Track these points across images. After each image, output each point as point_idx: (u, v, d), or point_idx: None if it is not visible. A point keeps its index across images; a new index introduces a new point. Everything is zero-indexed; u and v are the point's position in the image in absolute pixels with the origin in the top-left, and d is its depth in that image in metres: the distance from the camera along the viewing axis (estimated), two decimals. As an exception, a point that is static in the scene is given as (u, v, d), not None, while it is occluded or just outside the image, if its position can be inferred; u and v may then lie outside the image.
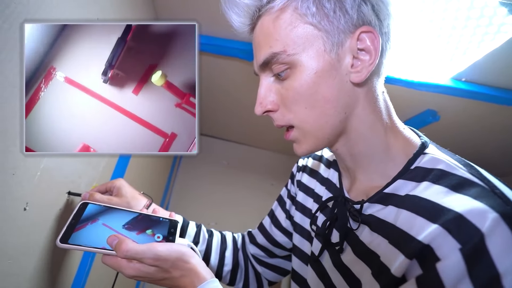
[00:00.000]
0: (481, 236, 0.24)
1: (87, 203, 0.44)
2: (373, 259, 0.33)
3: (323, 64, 0.34)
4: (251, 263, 0.62)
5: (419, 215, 0.29)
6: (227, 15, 0.37)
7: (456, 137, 1.24)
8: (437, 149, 0.37)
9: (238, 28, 0.38)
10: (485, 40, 0.73)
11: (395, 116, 0.39)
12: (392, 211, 0.33)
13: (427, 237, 0.27)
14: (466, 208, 0.26)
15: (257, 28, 0.37)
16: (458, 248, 0.25)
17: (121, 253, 0.36)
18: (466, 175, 0.30)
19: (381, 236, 0.33)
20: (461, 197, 0.28)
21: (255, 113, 0.39)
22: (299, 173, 0.57)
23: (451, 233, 0.25)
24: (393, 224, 0.32)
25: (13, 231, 0.39)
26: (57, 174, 0.48)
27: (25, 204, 0.41)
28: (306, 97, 0.35)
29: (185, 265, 0.38)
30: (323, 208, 0.46)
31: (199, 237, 0.58)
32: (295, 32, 0.33)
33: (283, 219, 0.58)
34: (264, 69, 0.37)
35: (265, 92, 0.38)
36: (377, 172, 0.38)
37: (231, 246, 0.61)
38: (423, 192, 0.31)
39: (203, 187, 1.88)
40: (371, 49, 0.33)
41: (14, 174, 0.38)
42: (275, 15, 0.34)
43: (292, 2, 0.33)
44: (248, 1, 0.35)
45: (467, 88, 0.89)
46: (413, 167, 0.35)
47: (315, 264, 0.44)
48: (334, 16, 0.33)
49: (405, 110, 1.12)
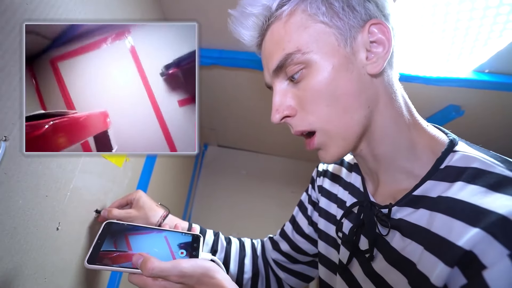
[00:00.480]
0: None
1: (112, 222, 0.45)
2: (408, 267, 0.31)
3: (339, 59, 0.33)
4: (272, 269, 0.61)
5: (457, 219, 0.27)
6: (236, 31, 0.38)
7: (484, 131, 1.17)
8: (468, 146, 0.35)
9: (249, 43, 0.38)
10: (508, 28, 0.69)
11: (416, 113, 0.38)
12: (424, 215, 0.32)
13: (469, 242, 0.25)
14: (510, 208, 0.24)
15: (266, 38, 0.37)
16: (507, 254, 0.23)
17: (147, 271, 0.36)
18: (506, 172, 0.28)
19: (414, 242, 0.31)
20: (503, 196, 0.26)
21: (272, 122, 0.37)
22: (320, 178, 0.56)
23: (496, 237, 0.24)
24: (427, 228, 0.30)
25: (48, 250, 0.41)
26: (85, 193, 0.50)
27: (57, 224, 0.42)
28: (326, 94, 0.34)
29: (210, 280, 0.37)
30: (348, 214, 0.44)
31: (217, 245, 0.58)
32: (307, 32, 0.34)
33: (305, 226, 0.57)
34: (278, 74, 0.36)
35: (280, 98, 0.37)
36: (402, 172, 0.37)
37: (250, 253, 0.61)
38: (458, 193, 0.29)
39: (223, 198, 1.89)
40: (384, 39, 0.34)
41: (47, 196, 0.40)
42: (285, 20, 0.34)
43: (300, 5, 0.34)
44: (256, 11, 0.35)
45: (491, 79, 0.85)
46: (443, 167, 0.33)
47: (344, 273, 0.42)
48: (343, 13, 0.33)
49: (426, 107, 1.08)
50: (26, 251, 0.37)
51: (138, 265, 0.37)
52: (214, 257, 0.43)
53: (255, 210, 1.86)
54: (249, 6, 0.35)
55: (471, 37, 0.74)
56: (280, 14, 0.35)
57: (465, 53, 0.80)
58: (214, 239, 0.58)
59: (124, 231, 0.45)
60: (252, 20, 0.36)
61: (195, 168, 1.83)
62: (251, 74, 1.02)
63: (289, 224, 0.61)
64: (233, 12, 0.37)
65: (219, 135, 1.80)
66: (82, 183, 0.48)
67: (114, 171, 0.62)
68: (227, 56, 0.91)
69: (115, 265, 0.39)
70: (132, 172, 0.74)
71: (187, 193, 1.69)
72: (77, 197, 0.47)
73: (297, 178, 1.91)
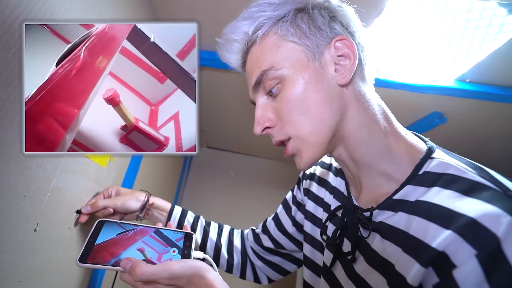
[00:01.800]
0: (497, 241, 0.24)
1: (104, 221, 0.45)
2: (387, 268, 0.32)
3: (309, 72, 0.37)
4: (249, 257, 0.65)
5: (432, 222, 0.29)
6: (223, 56, 0.43)
7: (465, 138, 1.21)
8: (445, 153, 0.37)
9: (234, 64, 0.44)
10: (486, 41, 0.73)
11: (395, 121, 0.40)
12: (402, 217, 0.33)
13: (441, 244, 0.26)
14: (479, 212, 0.26)
15: (248, 60, 0.41)
16: (474, 254, 0.24)
17: (136, 276, 0.35)
18: (477, 178, 0.30)
19: (393, 244, 0.33)
20: (473, 201, 0.28)
21: (255, 134, 0.40)
22: (307, 181, 0.57)
23: (466, 239, 0.25)
24: (405, 231, 0.32)
25: (24, 253, 0.39)
26: (66, 193, 0.48)
27: (35, 225, 0.41)
28: (298, 103, 0.37)
29: (201, 280, 0.37)
30: (332, 217, 0.45)
31: (196, 224, 0.62)
32: (279, 51, 0.38)
33: (289, 225, 0.59)
34: (258, 90, 0.40)
35: (261, 111, 0.40)
36: (382, 176, 0.38)
37: (227, 237, 0.65)
38: (434, 198, 0.31)
39: (211, 200, 1.87)
40: (349, 53, 0.37)
41: (25, 196, 0.38)
42: (260, 42, 0.39)
43: (272, 28, 0.39)
44: (238, 37, 0.40)
45: (472, 88, 0.89)
46: (421, 172, 0.35)
47: (327, 275, 0.43)
48: (310, 32, 0.37)
49: (411, 114, 1.11)
50: (0, 253, 0.35)
51: (126, 270, 0.37)
52: (205, 255, 0.43)
53: (243, 212, 1.86)
54: (231, 34, 0.41)
55: (454, 47, 0.77)
56: (256, 37, 0.39)
57: (448, 62, 0.83)
58: (195, 217, 0.63)
59: (116, 229, 0.44)
60: (235, 46, 0.41)
61: (184, 169, 1.81)
62: (241, 76, 1.01)
63: (271, 221, 0.63)
64: (219, 40, 0.42)
65: (208, 136, 1.79)
66: (63, 183, 0.47)
67: (97, 171, 0.60)
68: (218, 57, 0.91)
69: (107, 264, 0.38)
70: (116, 172, 0.72)
71: (175, 194, 1.67)
72: (57, 197, 0.46)
73: (285, 180, 1.91)
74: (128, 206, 0.55)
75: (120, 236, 0.43)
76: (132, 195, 0.56)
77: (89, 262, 0.38)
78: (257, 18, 0.39)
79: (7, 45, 0.33)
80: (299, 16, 0.38)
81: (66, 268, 0.50)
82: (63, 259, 0.49)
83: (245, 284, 0.80)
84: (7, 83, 0.34)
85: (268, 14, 0.38)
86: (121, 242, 0.42)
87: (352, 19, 0.39)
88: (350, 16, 0.39)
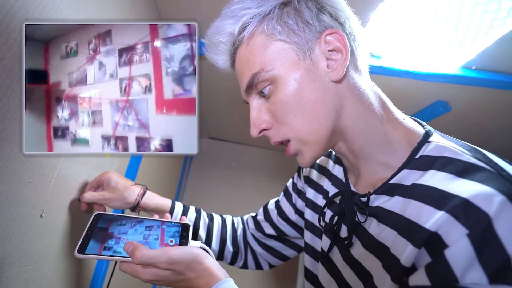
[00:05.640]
0: (489, 220, 0.24)
1: (101, 213, 0.46)
2: (383, 251, 0.33)
3: (301, 71, 0.36)
4: (249, 245, 0.65)
5: (426, 204, 0.29)
6: (210, 58, 0.41)
7: (469, 127, 1.20)
8: (442, 137, 0.37)
9: (223, 66, 0.41)
10: (494, 26, 0.71)
11: (392, 107, 0.40)
12: (398, 201, 0.33)
13: (434, 224, 0.27)
14: (472, 192, 0.26)
15: (236, 60, 0.40)
16: (466, 233, 0.24)
17: (136, 259, 0.37)
18: (472, 160, 0.30)
19: (389, 228, 0.33)
20: (467, 182, 0.28)
21: (252, 136, 0.40)
22: (307, 169, 0.57)
23: (458, 219, 0.25)
24: (401, 214, 0.32)
25: (31, 238, 0.40)
26: (70, 181, 0.49)
27: (41, 211, 0.42)
28: (293, 105, 0.36)
29: (199, 266, 0.39)
30: (330, 204, 0.46)
31: (199, 222, 0.60)
32: (268, 51, 0.36)
33: (291, 213, 0.59)
34: (250, 92, 0.39)
35: (256, 113, 0.39)
36: (381, 164, 0.38)
37: (230, 230, 0.64)
38: (429, 180, 0.31)
39: (213, 190, 1.89)
40: (340, 46, 0.36)
41: (30, 182, 0.39)
42: (247, 43, 0.37)
43: (258, 27, 0.36)
44: (223, 39, 0.38)
45: (478, 76, 0.87)
46: (418, 156, 0.35)
47: (325, 260, 0.44)
48: (298, 29, 0.36)
49: (414, 103, 1.10)
50: (8, 238, 0.36)
51: (128, 252, 0.38)
52: (203, 244, 0.44)
53: (245, 203, 1.87)
54: (216, 36, 0.38)
55: (460, 33, 0.75)
56: (242, 37, 0.37)
57: (453, 49, 0.82)
58: (196, 216, 0.60)
59: (114, 221, 0.45)
60: (221, 47, 0.39)
61: (186, 160, 1.81)
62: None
63: (274, 208, 0.63)
64: (205, 41, 0.40)
65: (210, 127, 1.79)
66: (67, 170, 0.47)
67: (101, 160, 0.61)
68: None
69: (105, 255, 0.40)
70: (120, 162, 0.73)
71: (178, 185, 1.68)
72: (62, 184, 0.46)
73: (287, 171, 1.92)
74: (114, 207, 0.51)
75: (118, 228, 0.44)
76: (122, 194, 0.50)
77: (87, 253, 0.39)
78: (241, 16, 0.36)
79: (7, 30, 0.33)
80: (285, 11, 0.36)
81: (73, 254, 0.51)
82: (70, 245, 0.50)
83: (243, 273, 0.81)
84: (9, 68, 0.34)
85: (253, 12, 0.36)
86: (118, 233, 0.43)
87: (341, 7, 0.37)
88: (339, 4, 0.37)
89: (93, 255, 0.40)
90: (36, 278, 0.42)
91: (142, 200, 0.52)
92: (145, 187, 0.54)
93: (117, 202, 0.51)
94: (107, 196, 0.50)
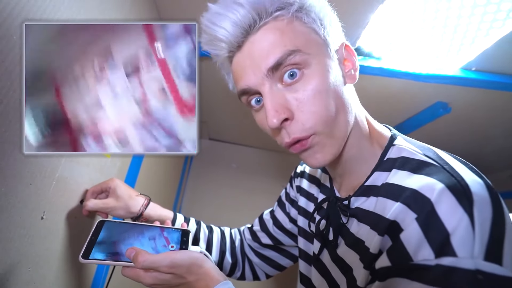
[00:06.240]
0: (431, 204, 0.28)
1: (104, 220, 0.47)
2: (359, 246, 0.36)
3: (331, 66, 0.37)
4: (246, 256, 0.66)
5: (388, 198, 0.33)
6: (216, 25, 0.34)
7: (469, 128, 1.20)
8: (403, 139, 0.40)
9: (225, 41, 0.35)
10: (493, 27, 0.71)
11: (367, 114, 0.44)
12: (372, 201, 0.37)
13: (393, 214, 0.31)
14: (420, 184, 0.30)
15: (257, 37, 0.34)
16: (415, 218, 0.28)
17: (138, 263, 0.38)
18: (423, 158, 0.34)
19: (365, 224, 0.36)
20: (418, 176, 0.32)
21: (270, 127, 0.35)
22: (298, 178, 0.60)
23: (410, 207, 0.29)
24: (373, 211, 0.36)
25: (32, 240, 0.40)
26: (71, 182, 0.49)
27: (42, 213, 0.42)
28: (325, 96, 0.34)
29: (199, 269, 0.40)
30: (318, 209, 0.48)
31: (199, 234, 0.61)
32: (307, 38, 0.35)
33: (286, 222, 0.61)
34: (273, 74, 0.34)
35: (275, 99, 0.34)
36: (362, 168, 0.41)
37: (229, 241, 0.65)
38: (391, 179, 0.35)
39: (213, 192, 1.88)
40: (353, 54, 0.40)
41: (31, 184, 0.39)
42: (287, 22, 0.34)
43: (298, 13, 0.35)
44: (248, 6, 0.33)
45: (478, 77, 0.87)
46: (385, 159, 0.38)
47: (316, 263, 0.46)
48: (330, 28, 0.37)
49: (414, 104, 1.10)
50: (8, 240, 0.36)
51: (130, 258, 0.39)
52: (202, 249, 0.45)
53: (245, 204, 1.87)
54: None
55: (459, 34, 0.76)
56: (281, 16, 0.34)
57: (453, 51, 0.82)
58: (197, 228, 0.61)
59: (116, 228, 0.46)
60: (241, 13, 0.33)
61: (186, 161, 1.81)
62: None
63: (269, 218, 0.64)
64: (216, 5, 0.34)
65: (210, 128, 1.79)
66: (68, 172, 0.47)
67: (102, 161, 0.61)
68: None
69: (108, 260, 0.41)
70: (121, 163, 0.73)
71: (178, 186, 1.68)
72: (63, 186, 0.46)
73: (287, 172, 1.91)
74: (117, 215, 0.52)
75: (120, 235, 0.45)
76: (127, 204, 0.51)
77: (91, 258, 0.40)
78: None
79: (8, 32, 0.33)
80: (323, 11, 0.37)
81: (73, 256, 0.51)
82: (71, 247, 0.50)
83: (242, 283, 0.81)
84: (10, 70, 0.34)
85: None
86: (121, 240, 0.44)
87: (339, 27, 0.41)
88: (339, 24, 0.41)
89: (97, 260, 0.41)
90: (36, 280, 0.42)
91: (146, 210, 0.53)
92: (149, 198, 0.55)
93: (121, 211, 0.51)
94: (111, 205, 0.50)
